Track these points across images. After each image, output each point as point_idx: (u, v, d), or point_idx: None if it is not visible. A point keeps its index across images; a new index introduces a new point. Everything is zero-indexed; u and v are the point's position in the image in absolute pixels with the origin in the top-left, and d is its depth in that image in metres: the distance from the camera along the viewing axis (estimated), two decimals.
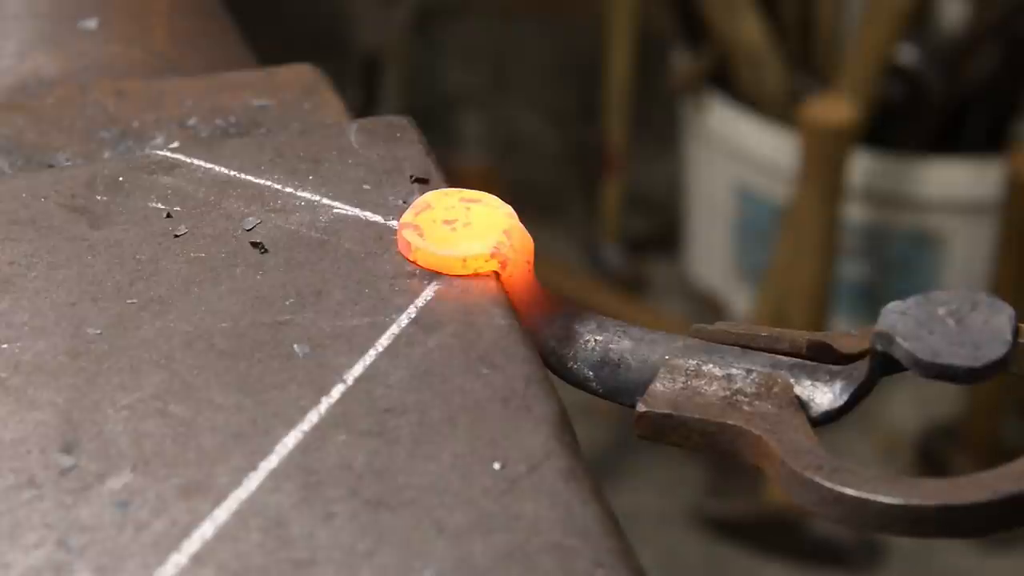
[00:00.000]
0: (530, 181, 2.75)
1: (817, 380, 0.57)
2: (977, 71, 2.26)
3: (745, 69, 2.28)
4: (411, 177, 0.64)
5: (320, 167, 0.64)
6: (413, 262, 0.59)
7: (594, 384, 0.60)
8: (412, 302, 0.57)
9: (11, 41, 0.78)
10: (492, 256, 0.58)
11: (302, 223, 0.61)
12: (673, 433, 0.57)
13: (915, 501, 0.51)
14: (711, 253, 2.53)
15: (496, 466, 0.50)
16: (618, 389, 0.59)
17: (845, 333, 0.58)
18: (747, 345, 0.58)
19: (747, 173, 2.36)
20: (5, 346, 0.55)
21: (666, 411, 0.56)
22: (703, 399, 0.57)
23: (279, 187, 0.63)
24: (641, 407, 0.57)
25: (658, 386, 0.57)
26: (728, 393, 0.57)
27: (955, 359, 0.53)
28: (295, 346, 0.55)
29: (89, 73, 0.76)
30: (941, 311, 0.54)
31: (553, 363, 0.59)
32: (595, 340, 0.60)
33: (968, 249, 2.26)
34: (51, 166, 0.68)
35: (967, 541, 2.10)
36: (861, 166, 2.21)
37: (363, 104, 2.61)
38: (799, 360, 0.57)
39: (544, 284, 0.61)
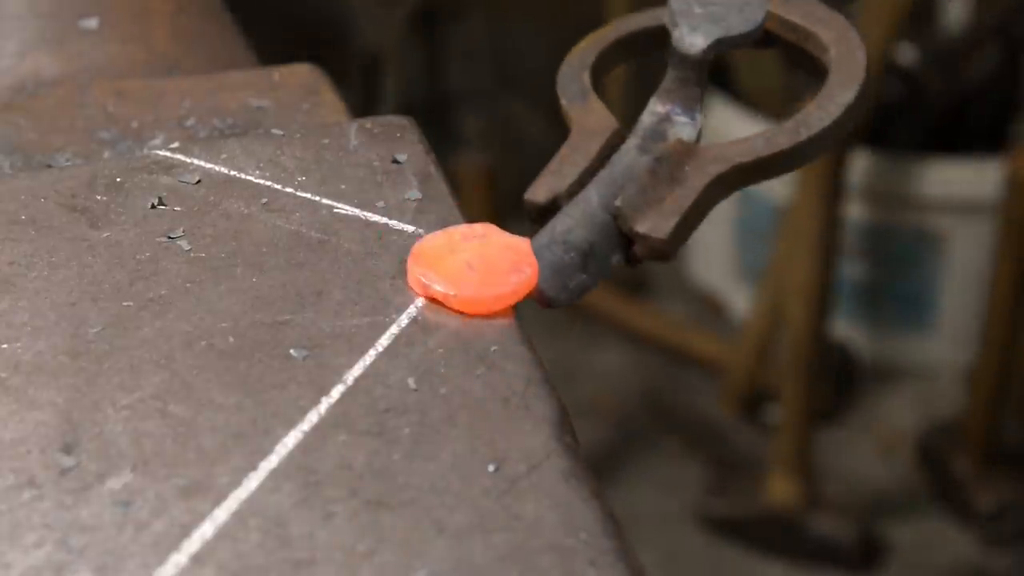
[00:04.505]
0: (530, 181, 2.74)
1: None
2: (977, 71, 2.26)
3: (745, 69, 2.28)
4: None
5: (320, 167, 0.64)
6: (452, 308, 0.57)
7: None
8: (412, 302, 0.57)
9: (11, 41, 0.78)
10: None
11: (302, 223, 0.61)
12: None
13: None
14: (711, 253, 2.53)
15: (496, 466, 0.50)
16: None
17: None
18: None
19: None
20: (5, 346, 0.55)
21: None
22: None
23: (279, 187, 0.63)
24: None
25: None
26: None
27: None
28: (295, 346, 0.55)
29: (89, 73, 0.76)
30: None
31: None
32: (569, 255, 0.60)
33: (968, 249, 2.26)
34: (51, 166, 0.68)
35: (968, 541, 2.10)
36: (861, 166, 2.21)
37: (363, 104, 2.61)
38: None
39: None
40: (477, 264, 0.58)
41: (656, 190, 0.61)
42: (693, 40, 0.64)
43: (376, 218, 0.62)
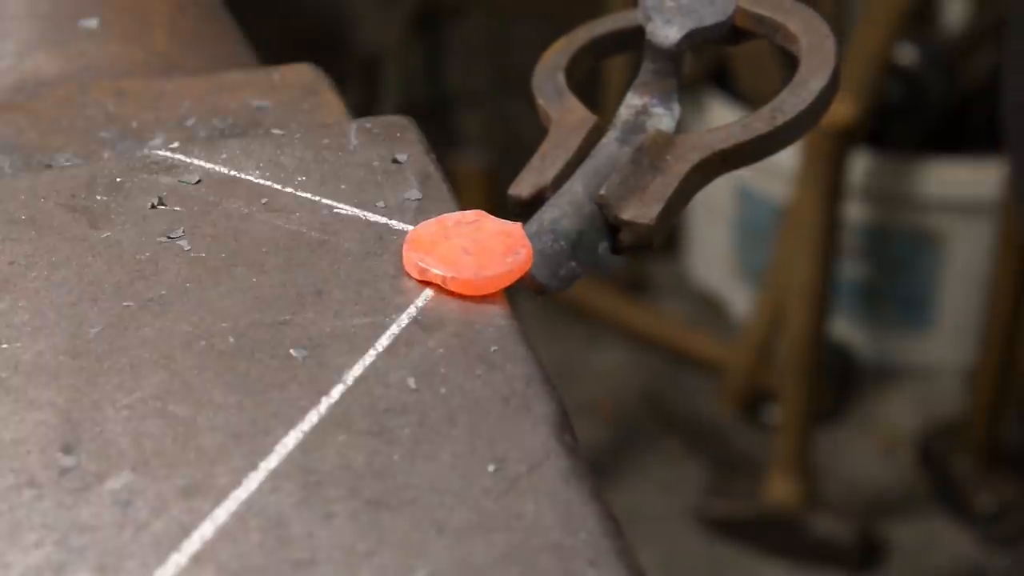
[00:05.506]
0: None
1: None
2: (977, 71, 2.26)
3: (745, 69, 2.29)
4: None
5: (320, 167, 0.64)
6: (449, 291, 0.58)
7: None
8: (412, 302, 0.57)
9: (11, 41, 0.78)
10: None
11: (302, 223, 0.61)
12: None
13: None
14: (711, 253, 2.53)
15: (496, 466, 0.50)
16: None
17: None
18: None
19: (747, 173, 2.36)
20: (5, 346, 0.55)
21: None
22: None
23: (279, 187, 0.63)
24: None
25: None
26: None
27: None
28: (295, 346, 0.55)
29: (89, 73, 0.76)
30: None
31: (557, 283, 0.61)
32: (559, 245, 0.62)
33: (968, 249, 2.26)
34: (51, 166, 0.68)
35: (968, 541, 2.10)
36: (861, 166, 2.21)
37: (363, 104, 2.61)
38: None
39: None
40: (472, 248, 0.58)
41: (639, 179, 0.63)
42: (667, 32, 0.65)
43: (376, 218, 0.62)
